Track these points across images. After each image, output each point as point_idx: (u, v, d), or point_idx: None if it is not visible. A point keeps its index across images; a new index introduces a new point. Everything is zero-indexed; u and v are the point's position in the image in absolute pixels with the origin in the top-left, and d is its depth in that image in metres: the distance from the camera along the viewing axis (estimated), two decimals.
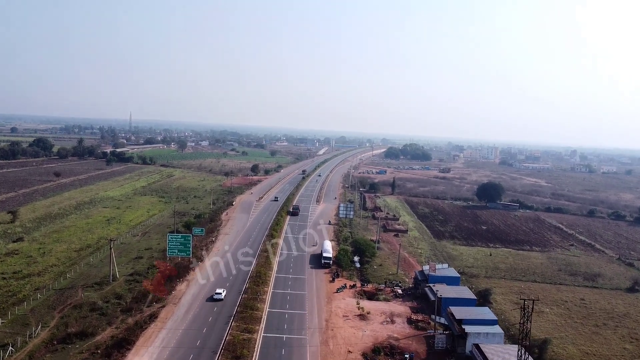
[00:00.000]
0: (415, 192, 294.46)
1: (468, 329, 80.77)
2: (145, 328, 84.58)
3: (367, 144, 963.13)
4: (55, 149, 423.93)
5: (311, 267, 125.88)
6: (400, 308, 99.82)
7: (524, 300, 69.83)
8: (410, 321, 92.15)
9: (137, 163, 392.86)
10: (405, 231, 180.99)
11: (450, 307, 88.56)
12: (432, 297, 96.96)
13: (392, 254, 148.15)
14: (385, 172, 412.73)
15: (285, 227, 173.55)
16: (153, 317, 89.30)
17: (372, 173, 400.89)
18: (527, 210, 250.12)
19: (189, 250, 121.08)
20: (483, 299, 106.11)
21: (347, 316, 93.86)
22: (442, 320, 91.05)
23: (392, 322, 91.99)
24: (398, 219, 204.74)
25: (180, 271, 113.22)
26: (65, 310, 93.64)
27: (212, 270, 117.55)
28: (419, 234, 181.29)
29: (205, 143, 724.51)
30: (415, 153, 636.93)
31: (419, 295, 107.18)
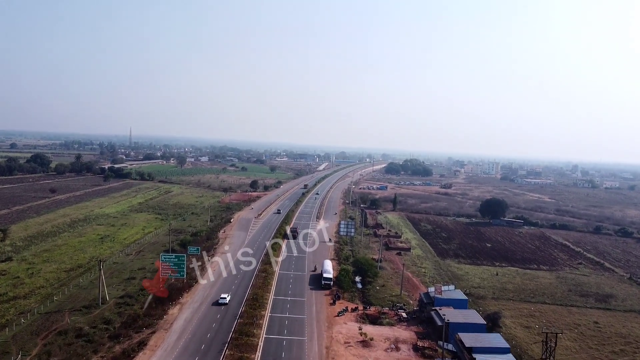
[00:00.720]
0: (417, 209, 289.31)
1: (479, 358, 75.26)
2: (133, 357, 79.02)
3: (367, 160, 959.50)
4: (53, 165, 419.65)
5: (311, 289, 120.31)
6: (405, 333, 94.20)
7: (546, 333, 63.90)
8: (416, 348, 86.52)
9: (135, 179, 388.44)
10: (408, 249, 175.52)
11: (458, 333, 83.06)
12: (439, 322, 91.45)
13: (395, 273, 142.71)
14: (386, 187, 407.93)
15: (284, 246, 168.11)
16: (142, 344, 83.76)
17: (373, 189, 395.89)
18: (532, 227, 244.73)
19: (183, 271, 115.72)
20: (492, 323, 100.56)
21: (349, 343, 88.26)
22: (450, 346, 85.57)
23: (397, 349, 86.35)
24: (400, 237, 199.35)
25: (173, 294, 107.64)
26: (49, 337, 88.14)
27: (207, 293, 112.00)
28: (422, 252, 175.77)
29: (204, 159, 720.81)
30: (416, 168, 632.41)
31: (425, 319, 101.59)
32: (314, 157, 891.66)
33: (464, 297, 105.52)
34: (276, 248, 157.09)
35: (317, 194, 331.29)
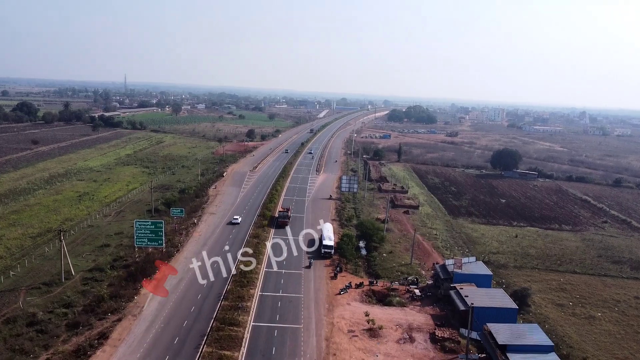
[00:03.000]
0: (423, 159, 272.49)
1: (514, 359, 60.51)
2: (90, 355, 64.53)
3: (369, 106, 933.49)
4: (40, 114, 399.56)
5: (309, 257, 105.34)
6: (419, 317, 79.58)
7: None
8: (434, 338, 71.96)
9: (126, 128, 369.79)
10: (417, 207, 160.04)
11: (488, 324, 68.15)
12: (461, 306, 76.53)
13: (404, 236, 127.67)
14: (390, 136, 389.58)
15: (280, 203, 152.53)
16: (103, 337, 69.16)
17: (376, 138, 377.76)
18: (547, 180, 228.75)
19: (161, 240, 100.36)
20: (520, 301, 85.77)
21: (354, 331, 73.68)
22: (475, 335, 70.85)
23: (411, 339, 71.83)
24: (407, 192, 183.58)
25: (148, 267, 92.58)
26: None
27: (189, 265, 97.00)
28: (432, 210, 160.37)
29: (201, 106, 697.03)
30: (419, 116, 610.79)
31: (442, 297, 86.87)
32: (314, 104, 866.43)
33: (488, 271, 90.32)
34: (271, 208, 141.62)
35: (310, 152, 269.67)
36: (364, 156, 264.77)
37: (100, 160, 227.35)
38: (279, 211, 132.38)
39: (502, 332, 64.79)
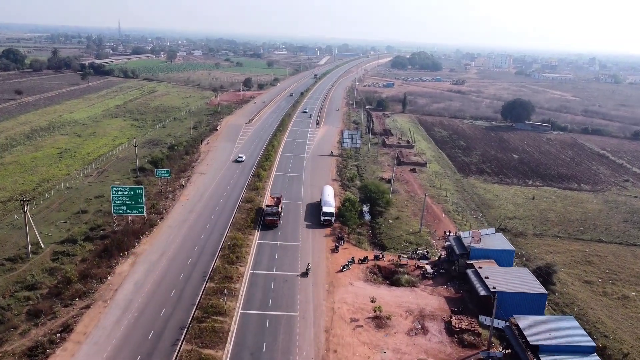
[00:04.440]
0: (429, 110, 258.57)
1: None
2: (48, 355, 55.00)
3: (372, 52, 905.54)
4: (28, 61, 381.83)
5: (307, 226, 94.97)
6: (432, 301, 69.78)
7: None
8: (450, 329, 62.31)
9: (118, 77, 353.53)
10: (424, 164, 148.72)
11: (514, 316, 58.16)
12: (481, 290, 66.48)
13: (411, 198, 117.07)
14: (393, 84, 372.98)
15: (277, 161, 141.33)
16: (67, 329, 59.55)
17: (379, 86, 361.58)
18: (561, 132, 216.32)
19: (142, 207, 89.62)
20: (544, 279, 75.96)
21: (357, 320, 63.99)
22: (496, 322, 61.08)
23: (424, 331, 62.23)
24: (413, 147, 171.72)
25: (127, 240, 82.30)
26: None
27: (172, 237, 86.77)
28: (440, 168, 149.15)
29: (197, 53, 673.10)
30: (424, 62, 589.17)
31: (456, 274, 76.91)
32: (314, 51, 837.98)
33: (509, 246, 79.80)
34: (267, 167, 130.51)
35: (305, 111, 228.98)
36: (367, 107, 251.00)
37: (87, 112, 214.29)
38: (267, 205, 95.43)
39: (533, 328, 54.85)
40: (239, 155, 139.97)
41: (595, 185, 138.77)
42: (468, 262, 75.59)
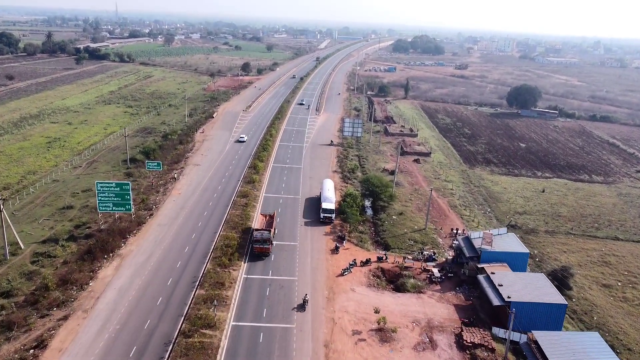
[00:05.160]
0: (432, 96, 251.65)
1: None
2: None
3: (373, 36, 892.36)
4: (21, 45, 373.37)
5: (305, 223, 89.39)
6: (440, 310, 64.42)
7: None
8: (461, 343, 57.03)
9: (113, 61, 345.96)
10: (428, 154, 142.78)
11: (533, 332, 52.85)
12: (495, 299, 60.97)
13: (415, 191, 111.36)
14: (395, 69, 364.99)
15: (275, 151, 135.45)
16: (41, 344, 54.31)
17: (380, 71, 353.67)
18: (568, 119, 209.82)
19: (129, 204, 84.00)
20: (560, 282, 70.71)
21: (360, 333, 58.70)
22: (515, 336, 55.88)
23: (433, 345, 56.97)
24: (417, 135, 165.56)
25: (112, 240, 76.79)
26: None
27: (162, 236, 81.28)
28: (445, 158, 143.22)
29: (196, 36, 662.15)
30: (426, 46, 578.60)
31: (465, 279, 71.53)
32: (315, 34, 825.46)
33: (523, 248, 74.13)
34: (264, 157, 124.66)
35: (302, 103, 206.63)
36: (368, 93, 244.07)
37: (79, 98, 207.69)
38: (256, 230, 76.11)
39: (556, 347, 49.59)
40: (241, 136, 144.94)
41: (607, 176, 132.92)
42: (479, 265, 70.11)
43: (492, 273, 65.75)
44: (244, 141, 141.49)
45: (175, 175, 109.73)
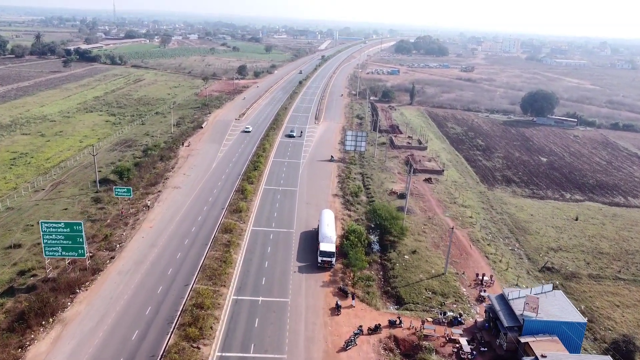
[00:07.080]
0: (439, 102, 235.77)
1: None
2: None
3: (374, 36, 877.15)
4: (9, 47, 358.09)
5: (300, 269, 73.49)
6: None
7: None
8: None
9: (104, 63, 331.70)
10: (441, 172, 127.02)
11: None
12: None
13: (428, 220, 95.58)
14: (398, 71, 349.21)
15: (267, 169, 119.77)
16: None
17: (383, 73, 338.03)
18: (588, 128, 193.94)
19: (82, 248, 68.17)
20: (623, 357, 54.92)
21: None
22: None
23: None
24: (426, 147, 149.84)
25: (54, 298, 60.92)
26: None
27: (120, 290, 65.49)
28: (460, 176, 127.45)
29: (194, 36, 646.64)
30: (429, 47, 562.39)
31: (502, 353, 55.67)
32: (315, 34, 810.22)
33: (578, 315, 57.82)
34: (254, 178, 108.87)
35: (292, 134, 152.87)
36: (371, 98, 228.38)
37: (60, 105, 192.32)
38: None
39: None
40: (247, 127, 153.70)
41: None
42: (521, 339, 54.26)
43: (544, 357, 49.84)
44: (249, 131, 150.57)
45: (149, 203, 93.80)
